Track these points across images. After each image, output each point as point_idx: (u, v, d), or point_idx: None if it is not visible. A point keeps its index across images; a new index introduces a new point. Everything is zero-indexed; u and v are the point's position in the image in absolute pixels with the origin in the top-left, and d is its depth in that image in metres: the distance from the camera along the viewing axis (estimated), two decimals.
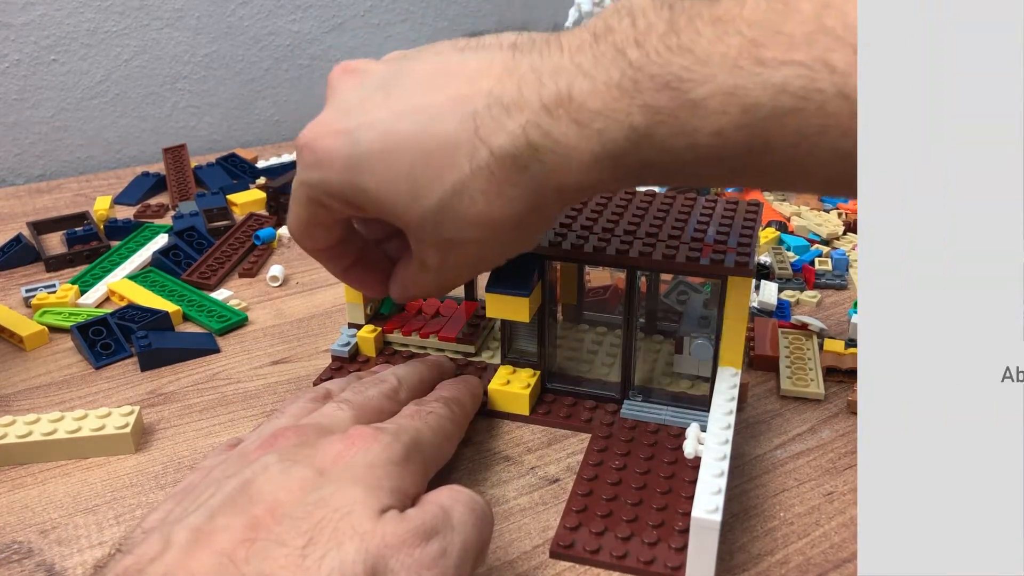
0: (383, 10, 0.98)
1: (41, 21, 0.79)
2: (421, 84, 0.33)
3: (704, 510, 0.30)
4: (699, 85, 0.28)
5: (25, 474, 0.39)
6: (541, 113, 0.30)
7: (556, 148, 0.30)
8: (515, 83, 0.31)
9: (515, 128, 0.30)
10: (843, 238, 0.63)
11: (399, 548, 0.25)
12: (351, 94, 0.34)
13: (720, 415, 0.35)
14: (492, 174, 0.31)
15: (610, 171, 0.31)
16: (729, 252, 0.37)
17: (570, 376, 0.44)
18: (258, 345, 0.50)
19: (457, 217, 0.32)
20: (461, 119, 0.31)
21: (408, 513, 0.26)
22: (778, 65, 0.26)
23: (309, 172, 0.34)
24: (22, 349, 0.49)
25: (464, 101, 0.31)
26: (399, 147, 0.32)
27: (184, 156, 0.77)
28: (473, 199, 0.32)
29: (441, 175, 0.32)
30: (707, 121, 0.28)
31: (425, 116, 0.32)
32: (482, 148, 0.31)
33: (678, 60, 0.28)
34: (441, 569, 0.25)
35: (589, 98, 0.29)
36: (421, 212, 0.33)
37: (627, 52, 0.29)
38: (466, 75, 0.32)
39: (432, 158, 0.32)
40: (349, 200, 0.34)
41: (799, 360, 0.46)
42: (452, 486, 0.29)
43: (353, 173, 0.33)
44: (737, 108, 0.27)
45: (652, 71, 0.28)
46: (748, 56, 0.27)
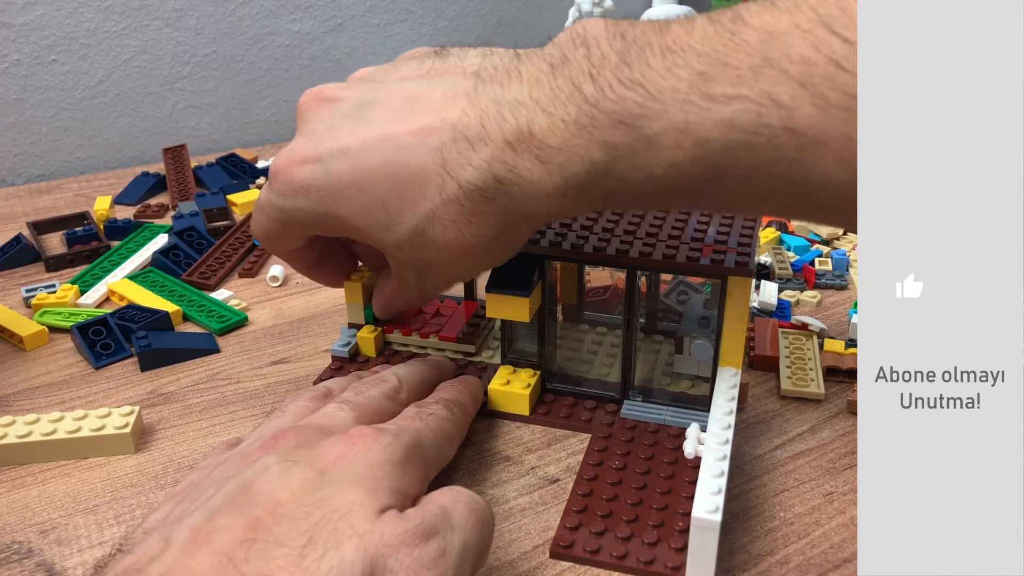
0: (383, 10, 0.98)
1: (41, 21, 0.79)
2: (389, 113, 0.33)
3: (704, 510, 0.30)
4: (652, 121, 0.28)
5: (25, 474, 0.39)
6: (504, 148, 0.31)
7: (520, 182, 0.31)
8: (478, 116, 0.31)
9: (480, 163, 0.31)
10: (843, 238, 0.63)
11: (398, 548, 0.25)
12: (321, 123, 0.35)
13: (720, 415, 0.35)
14: (462, 205, 0.32)
15: (574, 200, 0.31)
16: (729, 252, 0.37)
17: (570, 376, 0.44)
18: (258, 345, 0.50)
19: (431, 243, 0.34)
20: (429, 152, 0.32)
21: (407, 513, 0.26)
22: (727, 100, 0.27)
23: (283, 199, 0.35)
24: (22, 349, 0.49)
25: (431, 133, 0.32)
26: (370, 177, 0.33)
27: (184, 156, 0.77)
28: (445, 227, 0.33)
29: (414, 204, 0.33)
30: (662, 155, 0.29)
31: (393, 146, 0.33)
32: (450, 181, 0.32)
33: (631, 95, 0.28)
34: (440, 569, 0.25)
35: (548, 135, 0.30)
36: (397, 238, 0.34)
37: (583, 87, 0.29)
38: (432, 105, 0.33)
39: (403, 189, 0.33)
40: (324, 227, 0.36)
41: (799, 360, 0.46)
42: (453, 487, 0.29)
43: (328, 203, 0.34)
44: (690, 143, 0.28)
45: (607, 107, 0.29)
46: (697, 91, 0.27)
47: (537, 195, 0.31)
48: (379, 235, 0.34)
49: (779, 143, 0.27)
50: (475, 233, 0.33)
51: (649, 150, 0.29)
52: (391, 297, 0.41)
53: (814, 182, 0.27)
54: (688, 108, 0.28)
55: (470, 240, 0.33)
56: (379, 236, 0.34)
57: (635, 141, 0.29)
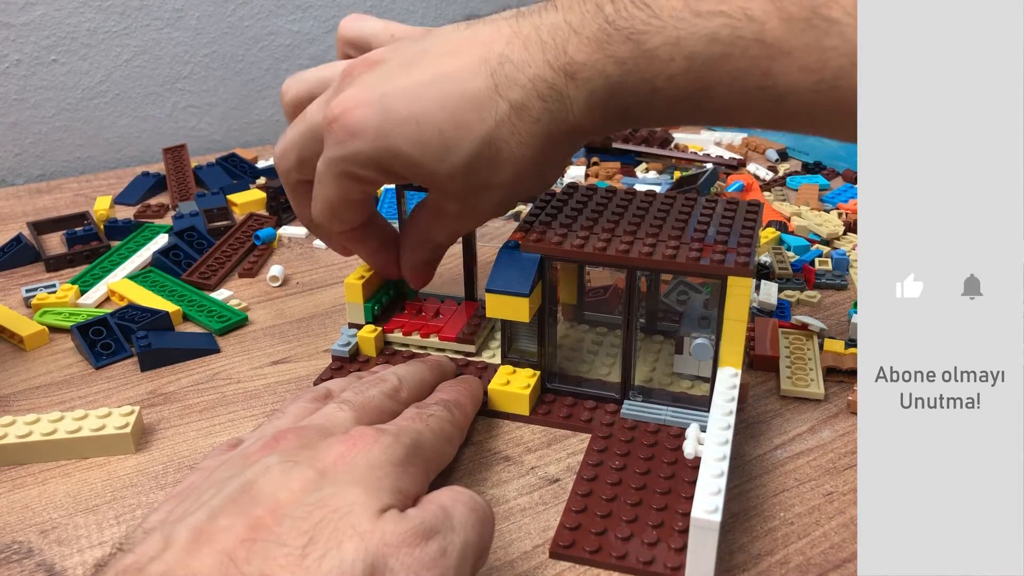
0: (383, 10, 0.98)
1: (41, 21, 0.79)
2: (440, 56, 0.37)
3: (704, 510, 0.30)
4: (652, 36, 0.33)
5: (25, 474, 0.39)
6: (545, 67, 0.35)
7: (560, 98, 0.35)
8: (521, 43, 0.35)
9: (526, 82, 0.35)
10: (843, 238, 0.63)
11: (399, 547, 0.25)
12: (372, 75, 0.37)
13: (720, 415, 0.35)
14: (513, 125, 0.36)
15: (600, 115, 0.36)
16: (729, 252, 0.37)
17: (570, 376, 0.44)
18: (258, 345, 0.50)
19: (488, 165, 0.37)
20: (482, 78, 0.35)
21: (408, 513, 0.26)
22: (711, 16, 0.31)
23: (341, 147, 0.37)
24: (22, 349, 0.49)
25: (482, 63, 0.36)
26: (427, 110, 0.36)
27: (184, 156, 0.77)
28: (499, 148, 0.36)
29: (470, 130, 0.36)
30: (660, 68, 0.33)
31: (448, 80, 0.36)
32: (502, 103, 0.35)
33: (639, 14, 0.33)
34: (441, 569, 0.25)
35: (577, 52, 0.34)
36: (451, 166, 0.36)
37: (604, 8, 0.34)
38: (480, 42, 0.36)
39: (460, 116, 0.36)
40: (382, 165, 0.37)
41: (799, 360, 0.46)
42: (453, 487, 0.29)
43: (386, 139, 0.36)
44: (681, 56, 0.32)
45: (620, 24, 0.33)
46: (689, 9, 0.32)
47: (572, 109, 0.35)
48: (434, 166, 0.36)
49: (752, 54, 0.31)
50: (526, 151, 0.36)
51: (650, 64, 0.33)
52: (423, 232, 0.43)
53: (782, 89, 0.31)
54: (680, 24, 0.32)
55: (521, 159, 0.36)
56: (433, 167, 0.37)
57: (640, 56, 0.33)
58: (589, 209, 0.43)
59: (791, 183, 0.73)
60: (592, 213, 0.42)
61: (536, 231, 0.40)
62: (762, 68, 0.31)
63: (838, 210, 0.67)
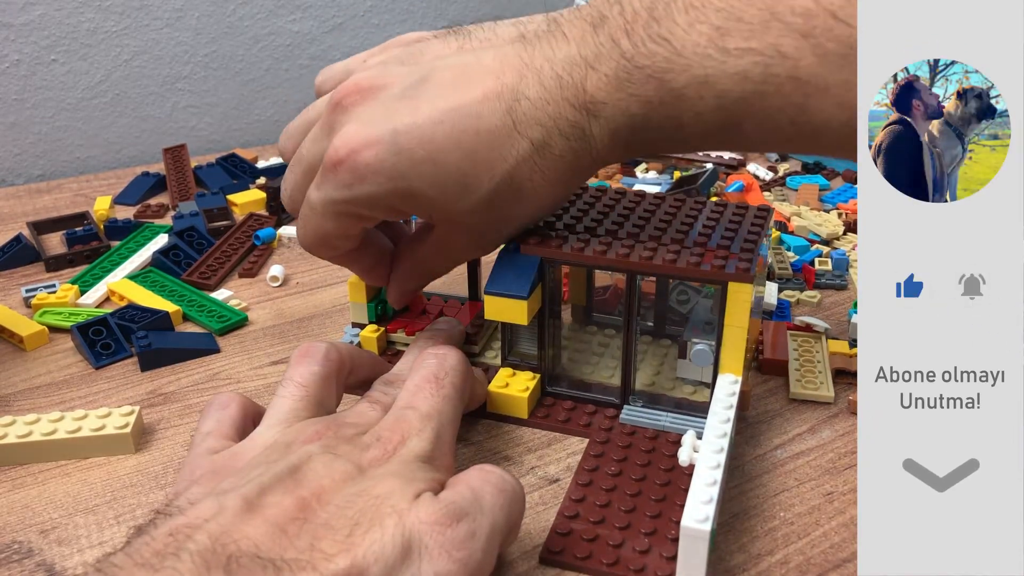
0: (383, 10, 0.98)
1: (41, 21, 0.79)
2: (446, 86, 0.34)
3: (693, 519, 0.29)
4: (677, 75, 0.31)
5: (25, 474, 0.39)
6: (564, 105, 0.34)
7: (582, 136, 0.34)
8: (535, 78, 0.34)
9: (546, 120, 0.34)
10: (843, 238, 0.63)
11: (433, 526, 0.26)
12: (372, 109, 0.35)
13: (716, 423, 0.35)
14: (535, 162, 0.35)
15: (623, 149, 0.35)
16: (731, 258, 0.37)
17: (571, 379, 0.44)
18: (258, 345, 0.50)
19: (509, 201, 0.36)
20: (499, 116, 0.34)
21: (441, 496, 0.28)
22: (741, 53, 0.30)
23: (346, 189, 0.35)
24: (22, 349, 0.49)
25: (496, 98, 0.34)
26: (443, 148, 0.34)
27: (184, 156, 0.77)
28: (521, 184, 0.35)
29: (490, 168, 0.34)
30: (688, 107, 0.32)
31: (462, 115, 0.34)
32: (522, 140, 0.34)
33: (659, 51, 0.31)
34: (469, 551, 0.27)
35: (597, 91, 0.33)
36: (471, 205, 0.35)
37: (620, 43, 0.32)
38: (487, 72, 0.34)
39: (478, 155, 0.34)
40: (395, 207, 0.36)
41: (808, 363, 0.46)
42: (482, 466, 0.30)
43: (400, 182, 0.34)
44: (711, 94, 0.31)
45: (640, 63, 0.32)
46: (715, 46, 0.30)
47: (594, 146, 0.34)
48: (452, 204, 0.35)
49: (786, 91, 0.30)
50: (548, 187, 0.36)
51: (678, 103, 0.32)
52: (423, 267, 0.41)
53: (818, 124, 0.30)
54: (707, 62, 0.31)
55: (544, 192, 0.36)
56: (452, 206, 0.35)
57: (665, 94, 0.32)
58: (594, 211, 0.43)
59: (791, 183, 0.73)
60: (597, 215, 0.42)
61: (537, 233, 0.40)
62: (797, 104, 0.30)
63: (838, 210, 0.67)
